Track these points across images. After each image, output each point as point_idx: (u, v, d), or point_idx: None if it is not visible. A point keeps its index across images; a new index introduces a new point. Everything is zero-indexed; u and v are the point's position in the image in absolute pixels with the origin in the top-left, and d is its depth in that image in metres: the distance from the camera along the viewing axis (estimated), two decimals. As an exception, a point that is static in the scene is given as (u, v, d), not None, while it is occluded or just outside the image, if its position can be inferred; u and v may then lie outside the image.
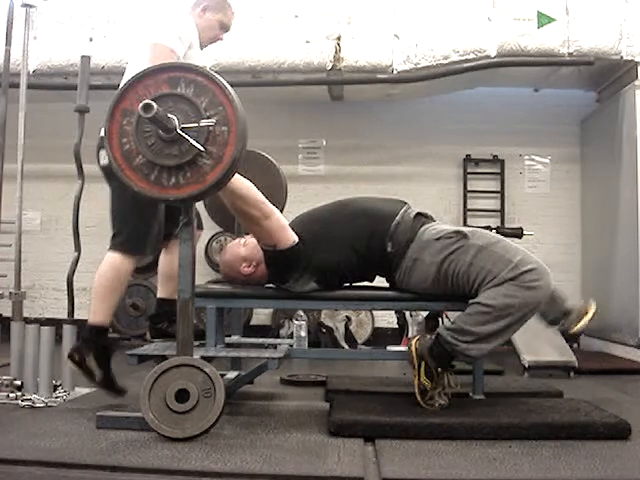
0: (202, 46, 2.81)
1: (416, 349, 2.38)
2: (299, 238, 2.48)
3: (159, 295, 2.79)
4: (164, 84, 2.03)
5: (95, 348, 2.48)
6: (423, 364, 2.35)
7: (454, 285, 2.41)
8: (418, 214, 2.58)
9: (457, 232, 2.44)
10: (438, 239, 2.44)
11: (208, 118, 2.00)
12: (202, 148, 1.98)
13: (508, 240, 2.47)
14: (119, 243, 2.54)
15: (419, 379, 2.35)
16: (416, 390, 2.34)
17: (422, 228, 2.52)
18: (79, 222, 2.95)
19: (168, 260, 2.74)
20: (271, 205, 2.43)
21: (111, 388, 2.50)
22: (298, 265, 2.47)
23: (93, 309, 2.56)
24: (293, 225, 2.55)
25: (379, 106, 5.33)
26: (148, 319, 2.80)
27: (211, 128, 1.99)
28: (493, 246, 2.38)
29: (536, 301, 2.32)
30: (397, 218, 2.52)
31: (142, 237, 2.51)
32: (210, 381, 2.03)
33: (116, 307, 2.60)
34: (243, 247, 2.64)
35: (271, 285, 2.62)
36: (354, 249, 2.50)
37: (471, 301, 2.34)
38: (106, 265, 2.56)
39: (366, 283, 2.71)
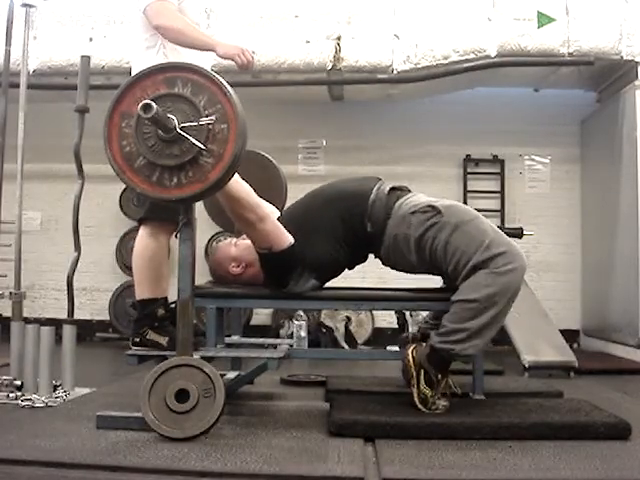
0: None
1: (414, 358, 2.36)
2: None
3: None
4: (161, 84, 2.03)
5: (150, 321, 2.51)
6: (422, 372, 2.34)
7: (432, 261, 2.43)
8: (392, 188, 2.56)
9: (431, 207, 2.43)
10: (413, 213, 2.44)
11: (207, 116, 2.00)
12: (203, 146, 1.99)
13: (482, 217, 2.47)
14: (142, 217, 2.59)
15: (419, 388, 2.32)
16: (416, 400, 2.31)
17: (397, 203, 2.50)
18: (79, 222, 2.94)
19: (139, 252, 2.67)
20: (267, 208, 2.42)
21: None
22: (295, 266, 2.46)
23: (136, 288, 2.58)
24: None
25: (379, 106, 5.33)
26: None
27: (211, 126, 1.99)
28: (466, 225, 2.38)
29: (514, 284, 2.32)
30: (372, 197, 2.50)
31: (158, 205, 2.46)
32: (210, 381, 2.03)
33: (160, 278, 2.58)
34: (234, 247, 2.64)
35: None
36: (339, 235, 2.49)
37: (453, 298, 2.34)
38: (136, 242, 2.60)
39: (366, 283, 2.71)
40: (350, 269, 2.66)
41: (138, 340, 2.52)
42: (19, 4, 3.21)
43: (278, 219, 2.57)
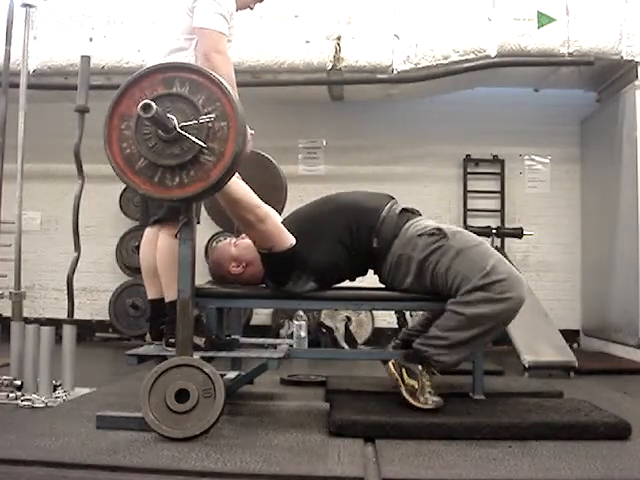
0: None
1: (394, 365, 2.44)
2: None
3: (150, 296, 2.68)
4: (159, 85, 2.03)
5: None
6: (404, 370, 2.40)
7: (433, 284, 2.44)
8: (403, 209, 2.58)
9: (439, 230, 2.45)
10: (420, 235, 2.46)
11: (206, 115, 2.00)
12: (203, 145, 1.99)
13: (486, 244, 2.49)
14: (165, 217, 2.54)
15: (404, 383, 2.38)
16: (405, 394, 2.35)
17: (407, 224, 2.52)
18: (79, 222, 2.94)
19: (150, 255, 2.64)
20: (267, 208, 2.42)
21: (221, 346, 2.48)
22: (295, 267, 2.46)
23: (166, 288, 2.50)
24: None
25: (379, 106, 5.33)
26: (148, 320, 2.77)
27: (210, 124, 1.99)
28: (469, 250, 2.39)
29: (506, 312, 2.33)
30: (382, 213, 2.52)
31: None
32: (210, 381, 2.03)
33: None
34: (233, 247, 2.64)
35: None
36: (343, 245, 2.50)
37: (447, 306, 2.37)
38: (162, 243, 2.55)
39: (366, 283, 2.71)
40: (351, 280, 2.67)
41: (173, 341, 2.44)
42: (19, 4, 3.21)
43: (286, 219, 2.58)
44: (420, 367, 2.37)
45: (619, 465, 1.82)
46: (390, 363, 2.47)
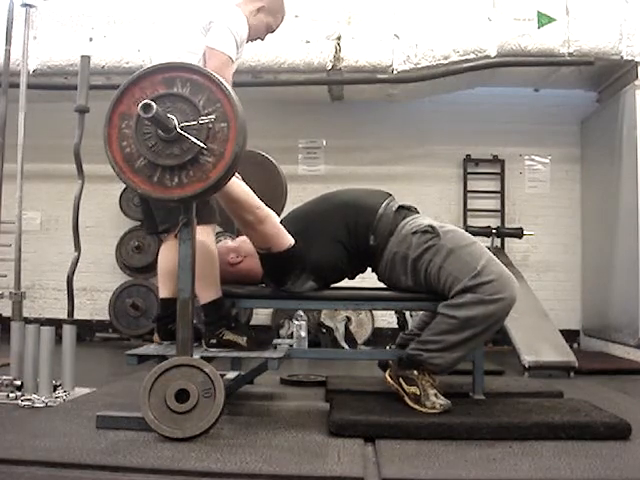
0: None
1: (390, 377, 2.46)
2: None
3: (162, 295, 2.66)
4: (160, 85, 2.03)
5: (227, 322, 2.45)
6: (401, 379, 2.41)
7: (427, 283, 2.45)
8: (400, 207, 2.59)
9: (432, 228, 2.45)
10: (414, 233, 2.46)
11: (207, 115, 2.00)
12: (203, 145, 1.99)
13: (478, 244, 2.48)
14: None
15: (406, 393, 2.38)
16: (410, 403, 2.35)
17: (403, 221, 2.53)
18: (79, 222, 2.94)
19: (170, 257, 2.64)
20: (267, 209, 2.42)
21: (261, 345, 2.48)
22: (294, 267, 2.47)
23: (202, 292, 2.46)
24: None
25: (379, 106, 5.33)
26: (155, 321, 2.76)
27: (211, 125, 1.99)
28: (460, 250, 2.40)
29: (498, 313, 2.33)
30: (380, 211, 2.53)
31: (208, 206, 2.45)
32: (210, 381, 2.03)
33: (219, 277, 2.48)
34: (231, 240, 2.69)
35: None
36: (341, 243, 2.51)
37: (438, 309, 2.37)
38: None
39: (366, 283, 2.71)
40: (351, 278, 2.68)
41: (215, 342, 2.44)
42: (19, 4, 3.20)
43: (283, 218, 2.58)
44: (415, 372, 2.37)
45: (619, 465, 1.82)
46: (387, 375, 2.48)
